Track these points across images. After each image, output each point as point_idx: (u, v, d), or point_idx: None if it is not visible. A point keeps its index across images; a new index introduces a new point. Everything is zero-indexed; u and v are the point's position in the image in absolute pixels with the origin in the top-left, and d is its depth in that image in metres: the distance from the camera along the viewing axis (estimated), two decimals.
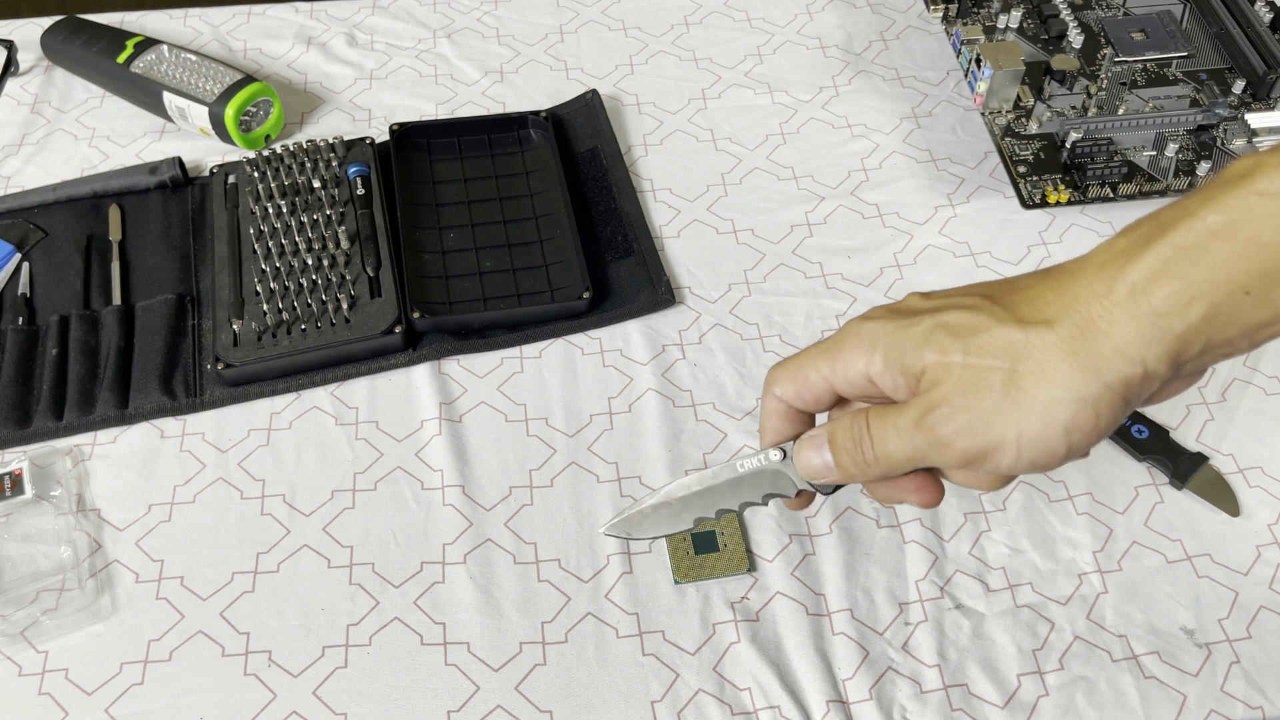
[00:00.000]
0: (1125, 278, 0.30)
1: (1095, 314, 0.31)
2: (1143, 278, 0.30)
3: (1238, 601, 0.50)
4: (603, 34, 0.78)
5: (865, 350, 0.35)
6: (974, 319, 0.33)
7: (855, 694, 0.47)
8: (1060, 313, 0.31)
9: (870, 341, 0.35)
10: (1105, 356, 0.31)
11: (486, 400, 0.57)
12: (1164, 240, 0.30)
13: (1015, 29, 0.74)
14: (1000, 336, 0.32)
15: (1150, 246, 0.30)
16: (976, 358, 0.32)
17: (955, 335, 0.33)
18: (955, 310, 0.33)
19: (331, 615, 0.49)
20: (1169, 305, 0.30)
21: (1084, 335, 0.31)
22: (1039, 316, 0.31)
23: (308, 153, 0.65)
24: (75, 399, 0.56)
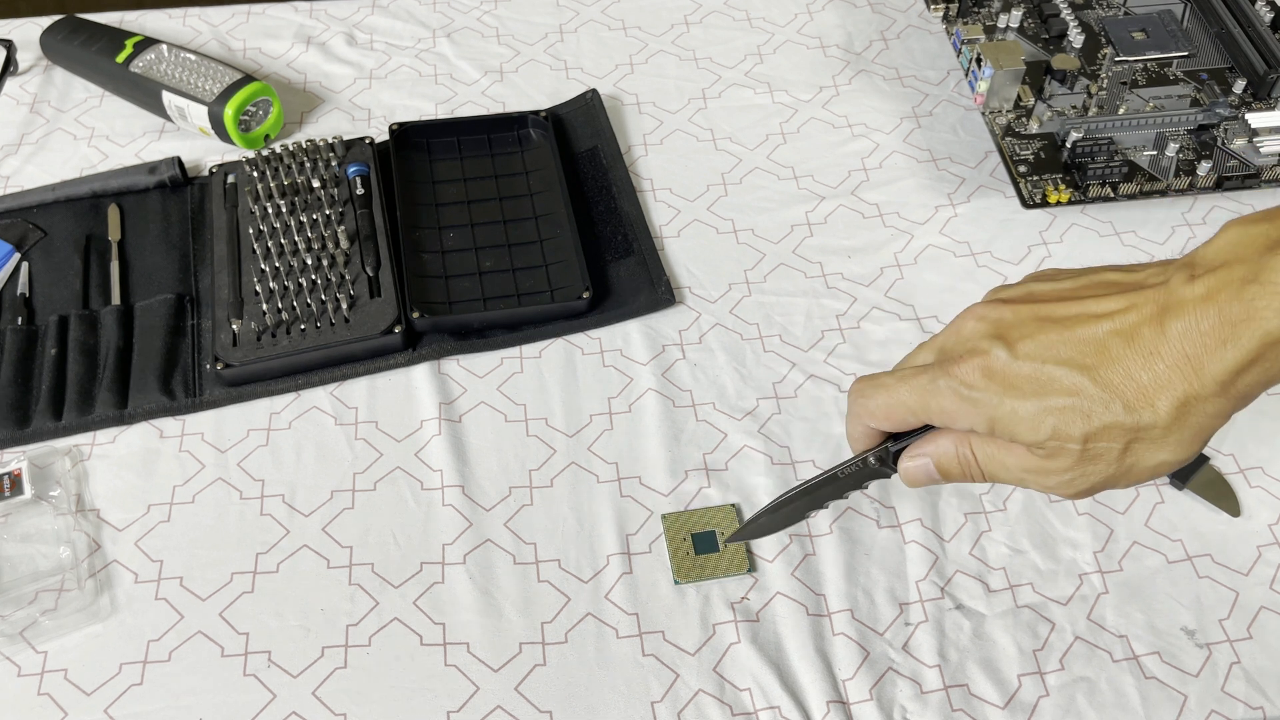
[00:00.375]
0: (1212, 374, 0.33)
1: (1190, 398, 0.34)
2: (1229, 376, 0.33)
3: (1238, 602, 0.50)
4: (603, 34, 0.78)
5: (970, 413, 0.37)
6: (1083, 405, 0.35)
7: (855, 694, 0.47)
8: (1156, 393, 0.34)
9: (978, 410, 0.37)
10: (1204, 427, 0.35)
11: (486, 400, 0.57)
12: (1237, 344, 0.32)
13: (1015, 28, 0.74)
14: (1113, 426, 0.35)
15: (1228, 348, 0.33)
16: (1093, 443, 0.35)
17: (1070, 422, 0.35)
18: (1061, 395, 0.35)
19: (331, 615, 0.49)
20: (1251, 388, 0.34)
21: (1185, 416, 0.34)
22: (1143, 400, 0.34)
23: (307, 152, 0.65)
24: (74, 399, 0.56)
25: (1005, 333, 0.36)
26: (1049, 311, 0.36)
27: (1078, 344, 0.35)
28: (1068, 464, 0.36)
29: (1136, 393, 0.34)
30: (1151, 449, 0.35)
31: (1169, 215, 0.66)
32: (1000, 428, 0.36)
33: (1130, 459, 0.35)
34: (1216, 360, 0.33)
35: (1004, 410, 0.36)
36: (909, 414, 0.39)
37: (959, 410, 0.37)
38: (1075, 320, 0.35)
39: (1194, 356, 0.33)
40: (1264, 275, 0.32)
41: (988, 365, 0.36)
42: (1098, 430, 0.35)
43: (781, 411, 0.57)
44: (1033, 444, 0.36)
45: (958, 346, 0.38)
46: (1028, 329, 0.36)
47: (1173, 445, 0.35)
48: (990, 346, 0.36)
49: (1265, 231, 0.33)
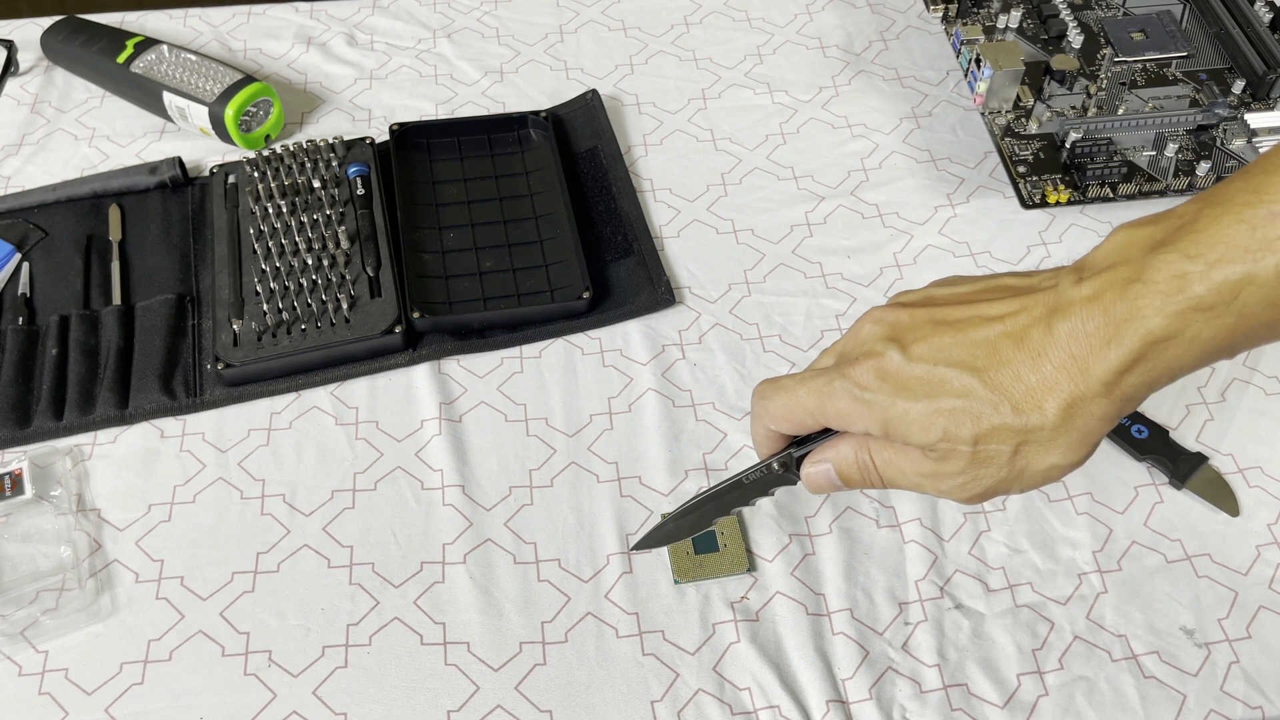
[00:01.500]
0: (1097, 374, 0.34)
1: (1076, 398, 0.34)
2: (1113, 376, 0.34)
3: (1237, 601, 0.50)
4: (603, 34, 0.78)
5: (864, 415, 0.38)
6: (972, 407, 0.35)
7: (855, 694, 0.47)
8: (1044, 394, 0.34)
9: (871, 411, 0.37)
10: (1091, 429, 0.35)
11: (486, 400, 0.57)
12: (1120, 344, 0.33)
13: (1015, 29, 0.74)
14: (1002, 428, 0.35)
15: (1111, 348, 0.33)
16: (983, 445, 0.36)
17: (959, 424, 0.36)
18: (951, 397, 0.36)
19: (331, 615, 0.49)
20: (1136, 389, 0.34)
21: (1072, 418, 0.35)
22: (1030, 402, 0.35)
23: (308, 153, 0.65)
24: (75, 399, 0.56)
25: (900, 335, 0.37)
26: (944, 315, 0.37)
27: (969, 346, 0.35)
28: (960, 467, 0.36)
29: (1025, 394, 0.34)
30: (1041, 451, 0.36)
31: None
32: (893, 429, 0.37)
33: (1021, 462, 0.36)
34: (1101, 360, 0.33)
35: (896, 411, 0.36)
36: (807, 415, 0.40)
37: (853, 411, 0.38)
38: (968, 323, 0.36)
39: (1080, 357, 0.34)
40: (1146, 274, 0.32)
41: (881, 367, 0.37)
42: (987, 432, 0.35)
43: None
44: (924, 446, 0.37)
45: (855, 349, 0.38)
46: (922, 331, 0.37)
47: (1061, 448, 0.35)
48: (885, 349, 0.37)
49: (1150, 234, 0.33)
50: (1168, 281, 0.32)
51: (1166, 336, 0.32)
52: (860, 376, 0.37)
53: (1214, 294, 0.32)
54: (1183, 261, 0.32)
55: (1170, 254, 0.32)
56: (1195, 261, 0.32)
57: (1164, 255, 0.32)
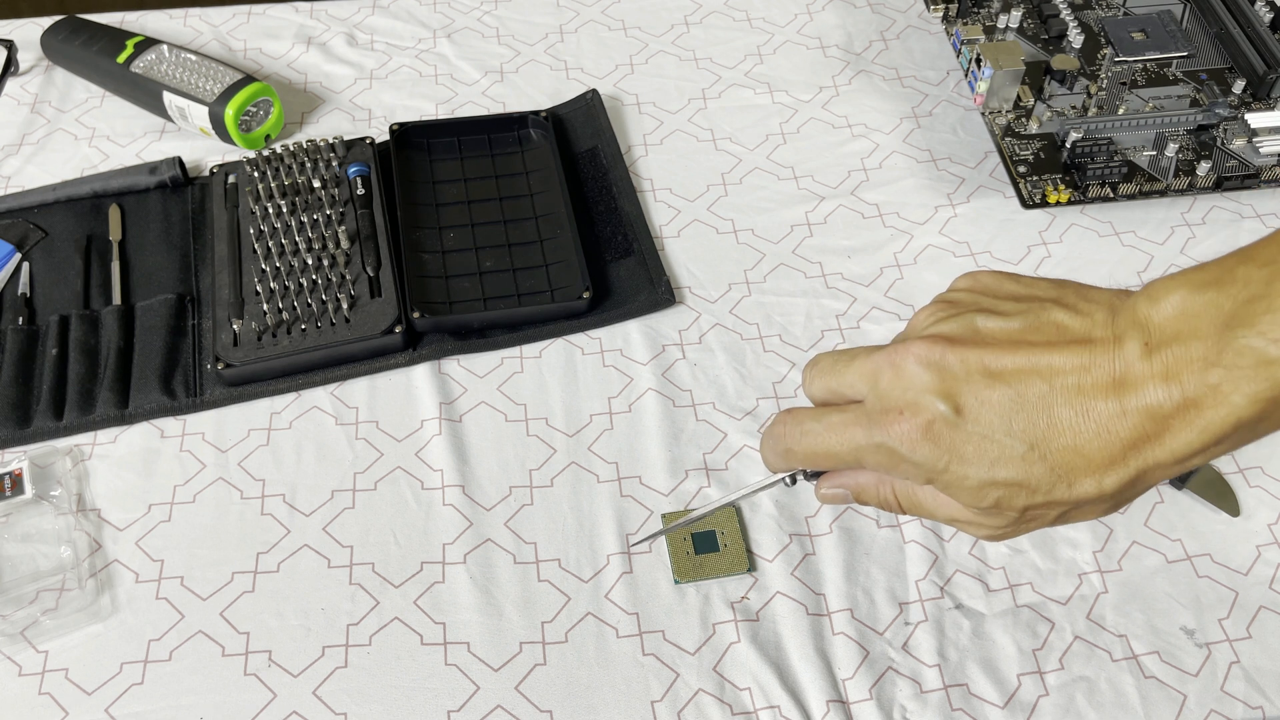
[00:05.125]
0: (1170, 450, 0.32)
1: (1143, 472, 0.33)
2: (1189, 454, 0.32)
3: (1238, 601, 0.50)
4: (603, 34, 0.78)
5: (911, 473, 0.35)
6: (1030, 483, 0.34)
7: (855, 694, 0.47)
8: (1106, 469, 0.33)
9: (919, 470, 0.35)
10: (1141, 492, 0.34)
11: (486, 400, 0.57)
12: (1205, 428, 0.32)
13: (1015, 29, 0.74)
14: (1056, 501, 0.34)
15: (1193, 429, 0.32)
16: (1034, 511, 0.35)
17: (1013, 497, 0.34)
18: (1007, 469, 0.34)
19: (331, 615, 0.49)
20: (1204, 460, 0.33)
21: (1130, 488, 0.33)
22: (1090, 476, 0.33)
23: (308, 153, 0.65)
24: (75, 399, 0.56)
25: (951, 388, 0.34)
26: (998, 364, 0.34)
27: (1028, 411, 0.33)
28: (1002, 523, 0.35)
29: (1085, 468, 0.33)
30: (1087, 513, 0.35)
31: (1168, 215, 0.66)
32: (941, 487, 0.35)
33: (1064, 521, 0.36)
34: (1180, 440, 0.32)
35: (949, 476, 0.34)
36: (838, 462, 0.37)
37: (896, 468, 0.35)
38: (1024, 377, 0.33)
39: (1154, 435, 0.32)
40: (1227, 359, 0.31)
41: (930, 427, 0.34)
42: (1040, 504, 0.34)
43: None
44: (972, 507, 0.35)
45: (896, 395, 0.34)
46: (975, 385, 0.34)
47: (1107, 508, 0.35)
48: (933, 404, 0.34)
49: (1216, 302, 0.31)
50: (1253, 368, 0.30)
51: (1256, 419, 0.31)
52: (906, 435, 0.34)
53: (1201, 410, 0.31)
54: (1268, 346, 0.30)
55: (1252, 338, 0.30)
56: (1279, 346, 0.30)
57: (1244, 339, 0.30)
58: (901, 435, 0.34)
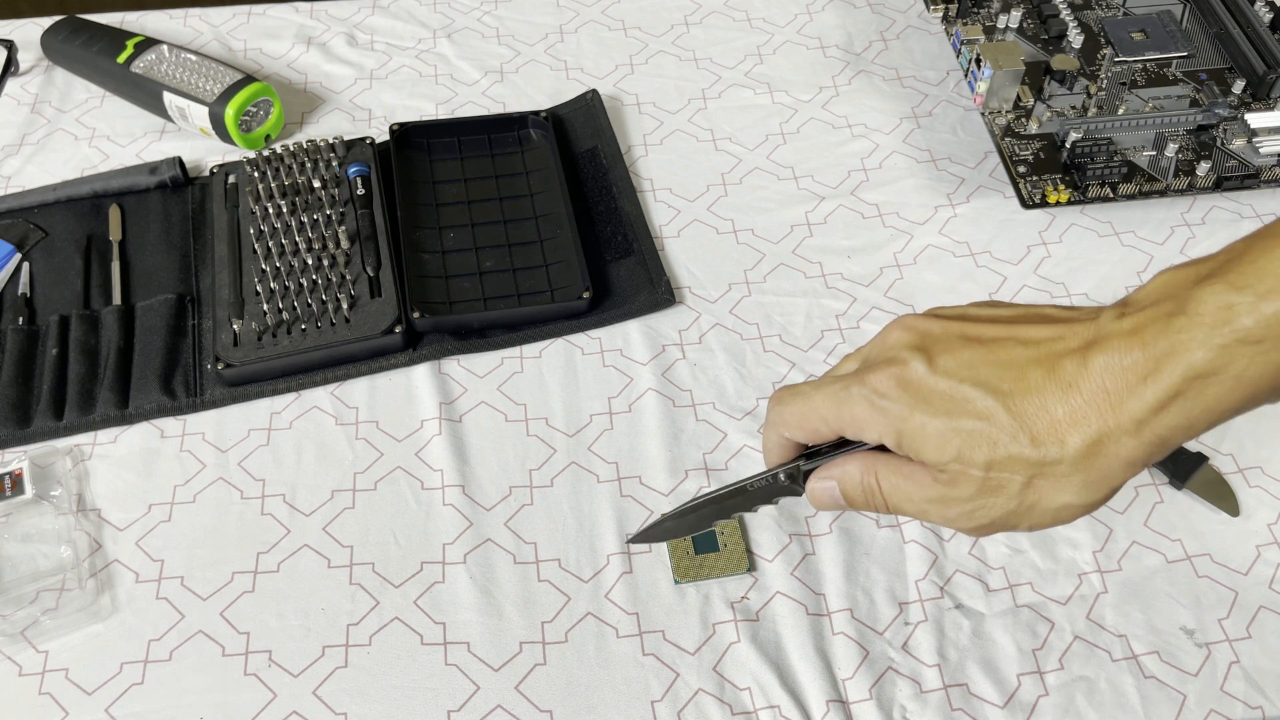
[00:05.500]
0: (1130, 411, 0.32)
1: (1103, 435, 0.33)
2: (1147, 414, 0.32)
3: (1237, 601, 0.50)
4: (603, 34, 0.78)
5: (879, 422, 0.36)
6: (991, 432, 0.34)
7: (855, 694, 0.47)
8: (1069, 428, 0.33)
9: (887, 420, 0.36)
10: (1112, 471, 0.33)
11: (486, 400, 0.57)
12: (1158, 379, 0.32)
13: (1015, 29, 0.74)
14: (1017, 457, 0.34)
15: (1148, 383, 0.32)
16: (995, 472, 0.34)
17: (975, 447, 0.34)
18: (971, 418, 0.34)
19: (331, 615, 0.49)
20: (1171, 431, 0.32)
21: (1094, 456, 0.33)
22: (1052, 435, 0.33)
23: (308, 153, 0.65)
24: (75, 399, 0.56)
25: (928, 345, 0.36)
26: (977, 332, 0.35)
27: (997, 367, 0.34)
28: (968, 493, 0.35)
29: (1048, 426, 0.33)
30: (1054, 488, 0.34)
31: (1168, 215, 0.66)
32: (907, 441, 0.36)
33: (1032, 496, 0.34)
34: (1136, 396, 0.32)
35: (913, 424, 0.35)
36: (821, 422, 0.38)
37: (869, 418, 0.36)
38: (1000, 343, 0.35)
39: (1113, 392, 0.32)
40: (1190, 307, 0.31)
41: (903, 375, 0.35)
42: (1002, 460, 0.34)
43: None
44: (936, 464, 0.35)
45: (880, 355, 0.37)
46: (951, 345, 0.35)
47: (1077, 487, 0.34)
48: (909, 357, 0.36)
49: (1195, 270, 0.32)
50: (1213, 313, 0.31)
51: (1210, 372, 0.31)
52: (880, 383, 0.36)
53: (1263, 327, 0.30)
54: (1229, 293, 0.30)
55: (1216, 285, 0.31)
56: (1243, 293, 0.30)
57: (1210, 287, 0.31)
58: (876, 383, 0.36)
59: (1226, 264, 0.31)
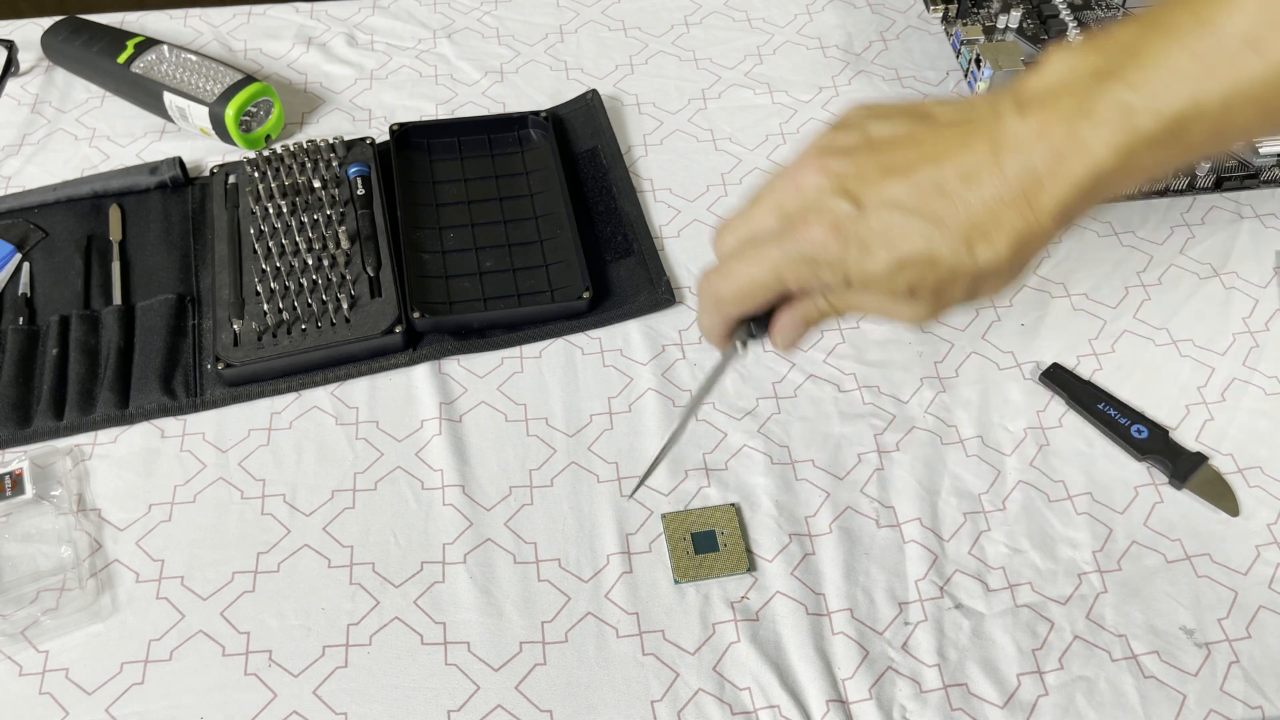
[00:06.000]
0: (1045, 208, 0.34)
1: (1026, 232, 0.35)
2: (1059, 207, 0.34)
3: (1237, 601, 0.50)
4: (603, 34, 0.78)
5: (826, 274, 0.37)
6: (933, 256, 0.36)
7: (855, 693, 0.47)
8: (997, 233, 0.35)
9: (832, 271, 0.37)
10: (1034, 255, 0.36)
11: (486, 400, 0.57)
12: (1069, 177, 0.34)
13: (1015, 29, 0.74)
14: (960, 271, 0.36)
15: (1059, 181, 0.34)
16: (945, 287, 0.36)
17: (923, 275, 0.36)
18: (911, 248, 0.36)
19: (332, 615, 0.49)
20: (1080, 214, 0.35)
21: (1021, 251, 0.35)
22: (985, 243, 0.35)
23: (308, 153, 0.65)
24: (75, 399, 0.56)
25: (850, 187, 0.36)
26: (890, 160, 0.36)
27: (922, 193, 0.35)
28: (920, 305, 0.37)
29: (979, 234, 0.35)
30: (992, 283, 0.37)
31: (1168, 215, 0.66)
32: (858, 283, 0.37)
33: (974, 291, 0.37)
34: (1049, 196, 0.34)
35: (860, 268, 0.36)
36: (766, 292, 0.39)
37: (814, 274, 0.37)
38: (916, 166, 0.35)
39: (1029, 192, 0.34)
40: (1091, 106, 0.32)
41: (836, 223, 0.36)
42: (948, 277, 0.36)
43: (781, 411, 0.57)
44: (889, 295, 0.37)
45: (801, 206, 0.37)
46: (871, 180, 0.36)
47: (1009, 276, 0.36)
48: (835, 203, 0.36)
49: (1092, 61, 0.33)
50: (1114, 116, 0.32)
51: (1113, 170, 0.33)
52: (815, 236, 0.36)
53: (1161, 129, 0.32)
54: (1129, 94, 0.32)
55: (1116, 86, 0.32)
56: (1141, 94, 0.32)
57: (1109, 87, 0.32)
58: (812, 239, 0.36)
59: (1123, 61, 0.32)
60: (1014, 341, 0.60)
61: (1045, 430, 0.56)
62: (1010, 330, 0.60)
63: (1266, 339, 0.60)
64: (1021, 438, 0.56)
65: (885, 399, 0.57)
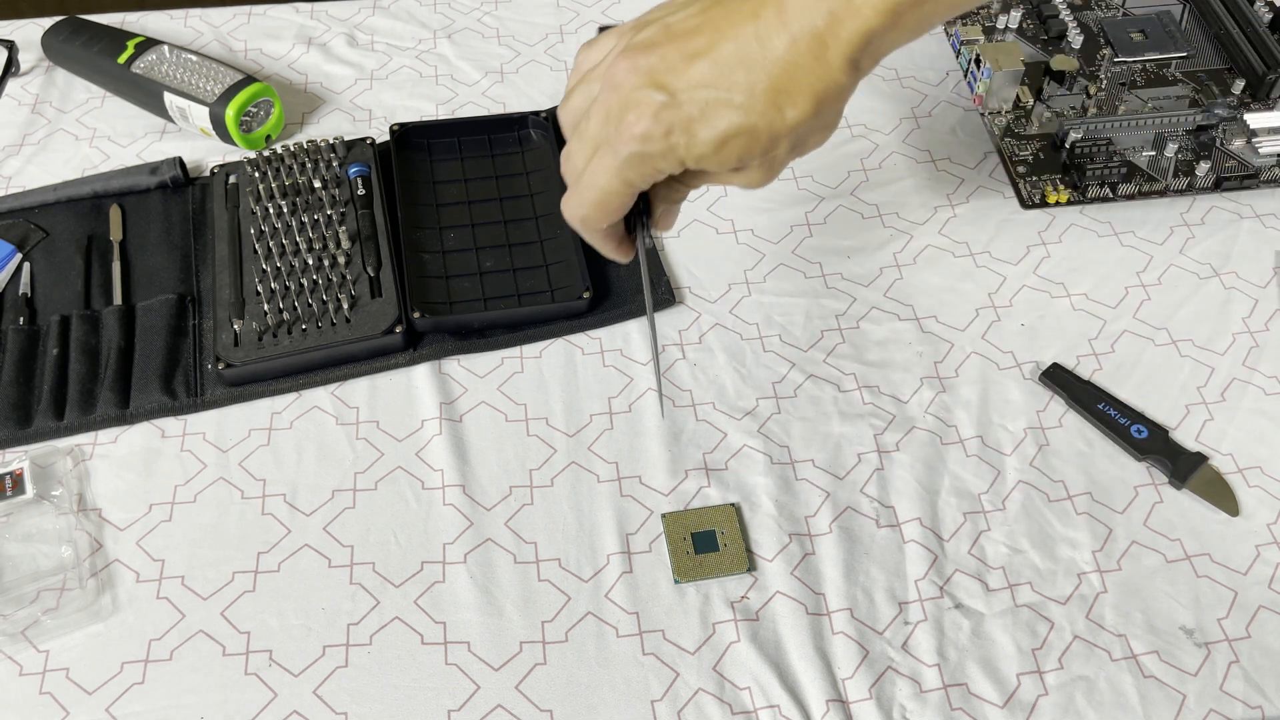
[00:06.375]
0: (834, 64, 0.38)
1: (824, 88, 0.38)
2: (847, 61, 0.38)
3: (1237, 601, 0.50)
4: None
5: (664, 163, 0.40)
6: (751, 124, 0.38)
7: (855, 693, 0.47)
8: (799, 93, 0.38)
9: (668, 159, 0.39)
10: (840, 104, 0.39)
11: (487, 400, 0.57)
12: (847, 34, 0.37)
13: (1015, 29, 0.74)
14: (778, 134, 0.39)
15: (841, 39, 0.37)
16: (770, 152, 0.39)
17: (748, 146, 0.39)
18: (728, 118, 0.38)
19: (332, 615, 0.50)
20: (871, 64, 0.39)
21: (824, 104, 0.38)
22: (790, 102, 0.38)
23: (308, 153, 0.65)
24: (76, 399, 0.56)
25: (660, 78, 0.38)
26: (691, 46, 0.38)
27: (725, 68, 0.38)
28: (754, 170, 0.40)
29: (784, 96, 0.38)
30: (812, 136, 0.40)
31: (1168, 215, 0.66)
32: (692, 163, 0.39)
33: (800, 146, 0.40)
34: (834, 52, 0.37)
35: (689, 152, 0.39)
36: (620, 197, 0.41)
37: (653, 167, 0.40)
38: (714, 45, 0.38)
39: (816, 52, 0.37)
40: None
41: (656, 114, 0.38)
42: (767, 141, 0.39)
43: (781, 411, 0.57)
44: (725, 168, 0.40)
45: (620, 104, 0.39)
46: (677, 67, 0.38)
47: (825, 126, 0.40)
48: (651, 95, 0.38)
49: None
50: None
51: (884, 27, 0.37)
52: (639, 131, 0.39)
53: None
54: None
55: None
56: None
57: None
58: (637, 135, 0.39)
59: None
60: (1014, 341, 0.60)
61: (1045, 430, 0.56)
62: (1010, 330, 0.60)
63: (1266, 339, 0.60)
64: (1021, 438, 0.56)
65: (885, 399, 0.57)
